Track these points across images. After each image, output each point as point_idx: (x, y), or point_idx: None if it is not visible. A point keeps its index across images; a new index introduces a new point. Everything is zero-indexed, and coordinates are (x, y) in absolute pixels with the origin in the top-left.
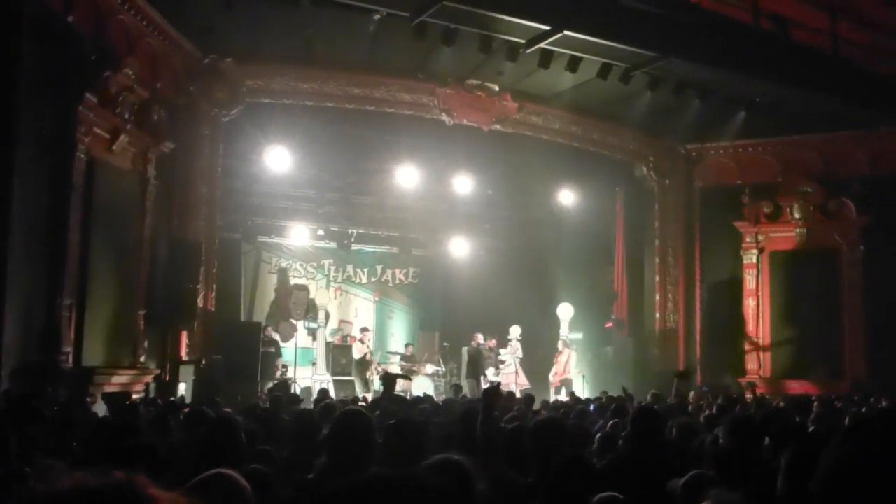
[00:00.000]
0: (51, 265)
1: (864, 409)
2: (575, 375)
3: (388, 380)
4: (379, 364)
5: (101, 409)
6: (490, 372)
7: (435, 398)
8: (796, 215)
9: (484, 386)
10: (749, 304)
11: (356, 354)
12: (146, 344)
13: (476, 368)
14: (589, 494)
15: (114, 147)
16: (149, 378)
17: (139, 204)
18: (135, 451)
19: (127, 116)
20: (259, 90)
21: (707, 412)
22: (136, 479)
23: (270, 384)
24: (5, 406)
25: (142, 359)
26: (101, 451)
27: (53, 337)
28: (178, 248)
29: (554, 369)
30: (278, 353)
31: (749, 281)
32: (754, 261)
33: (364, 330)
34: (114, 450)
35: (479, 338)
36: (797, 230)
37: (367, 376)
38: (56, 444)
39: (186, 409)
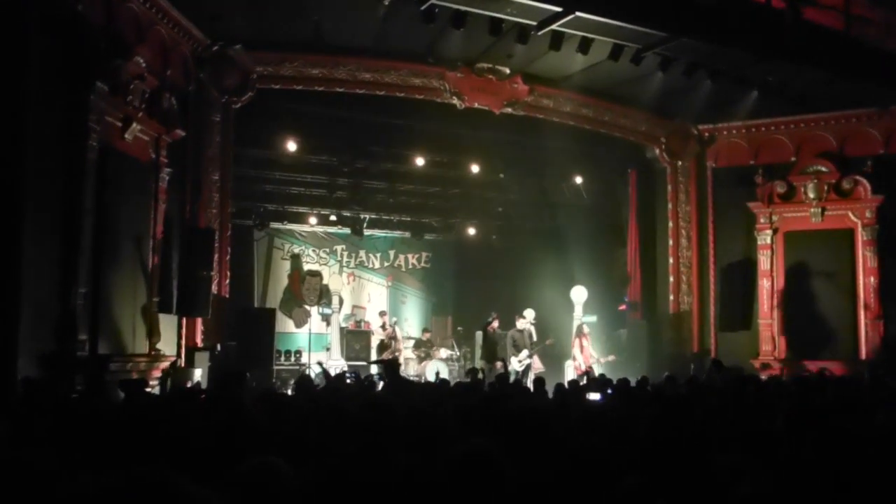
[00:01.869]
0: (65, 254)
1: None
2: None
3: (390, 367)
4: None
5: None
6: (524, 354)
7: (450, 382)
8: (810, 195)
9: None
10: (763, 284)
11: (376, 339)
12: (161, 331)
13: (492, 351)
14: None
15: (126, 135)
16: (164, 365)
17: (152, 192)
18: (158, 442)
19: (138, 105)
20: (269, 77)
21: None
22: (169, 476)
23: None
24: (26, 393)
25: (157, 346)
26: (123, 442)
27: (69, 325)
28: (192, 235)
29: (574, 353)
30: None
31: (763, 262)
32: (768, 241)
33: (382, 314)
34: (137, 440)
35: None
36: (811, 210)
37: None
38: (75, 432)
39: (203, 396)
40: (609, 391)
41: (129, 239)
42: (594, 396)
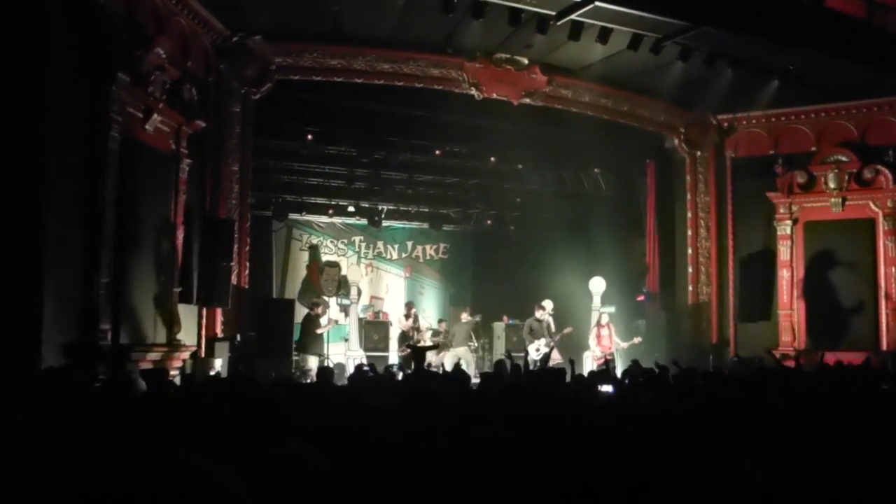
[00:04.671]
0: (87, 244)
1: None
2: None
3: (418, 353)
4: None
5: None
6: (542, 342)
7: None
8: (831, 185)
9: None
10: (783, 275)
11: (396, 330)
12: (181, 321)
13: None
14: None
15: (146, 126)
16: (185, 355)
17: (173, 182)
18: (184, 429)
19: (159, 95)
20: (288, 67)
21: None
22: (181, 452)
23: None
24: (47, 382)
25: (178, 336)
26: (150, 430)
27: (92, 315)
28: (212, 226)
29: (593, 343)
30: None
31: (783, 252)
32: (788, 232)
33: (409, 305)
34: (163, 428)
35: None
36: (832, 200)
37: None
38: (100, 420)
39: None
40: (626, 382)
41: (150, 229)
42: (606, 388)
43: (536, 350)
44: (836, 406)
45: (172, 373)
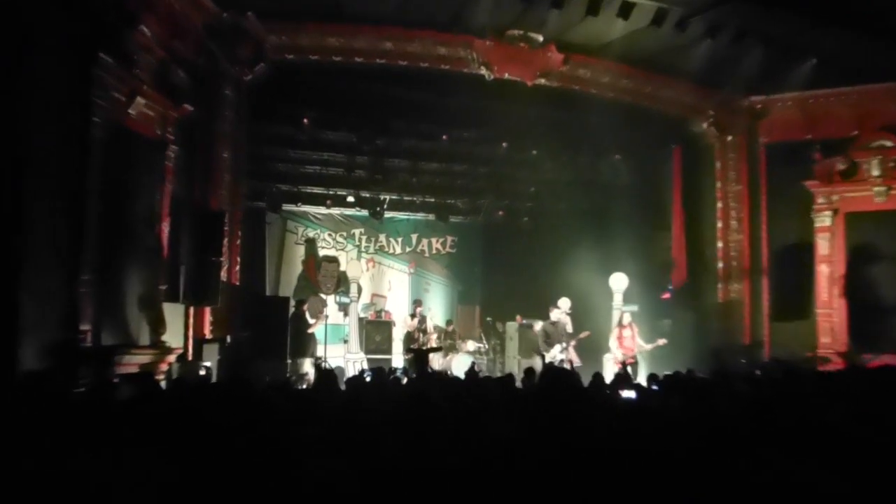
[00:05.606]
0: (69, 238)
1: None
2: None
3: (419, 356)
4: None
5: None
6: (556, 349)
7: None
8: (874, 172)
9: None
10: (822, 270)
11: (400, 330)
12: (168, 321)
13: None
14: None
15: (130, 110)
16: (171, 358)
17: (159, 171)
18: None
19: (144, 78)
20: (283, 47)
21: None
22: None
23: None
24: (26, 387)
25: (163, 337)
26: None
27: (73, 314)
28: (200, 218)
29: (614, 345)
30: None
31: (822, 245)
32: (827, 223)
33: (417, 303)
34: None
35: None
36: (875, 189)
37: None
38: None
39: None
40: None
41: (135, 222)
42: (628, 394)
43: (552, 359)
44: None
45: (158, 377)
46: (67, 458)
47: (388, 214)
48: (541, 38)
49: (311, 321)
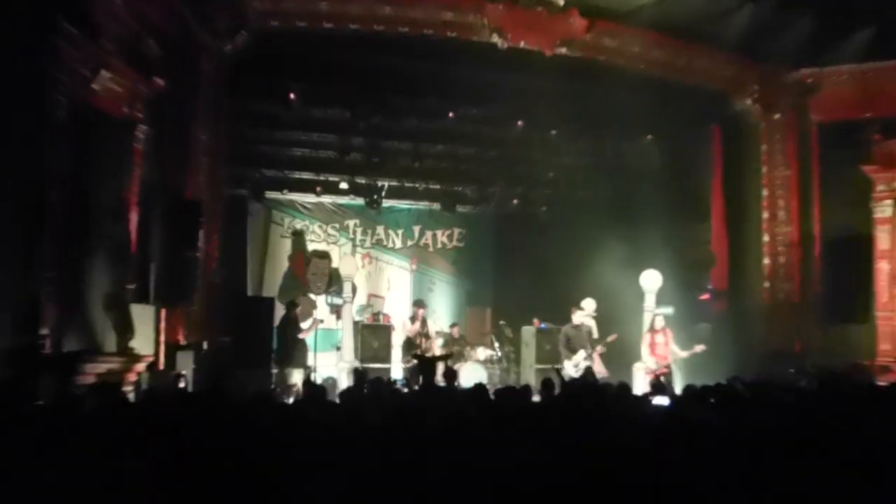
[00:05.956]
0: (25, 231)
1: None
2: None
3: (426, 364)
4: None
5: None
6: (580, 356)
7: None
8: None
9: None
10: (882, 268)
11: (401, 335)
12: (136, 325)
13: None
14: None
15: (94, 85)
16: (140, 366)
17: (126, 155)
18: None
19: (111, 49)
20: (268, 13)
21: None
22: None
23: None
24: None
25: (131, 343)
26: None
27: (31, 317)
28: (174, 207)
29: (645, 352)
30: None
31: (881, 239)
32: (888, 214)
33: (418, 304)
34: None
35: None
36: None
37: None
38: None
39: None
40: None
41: (100, 213)
42: (660, 401)
43: (575, 366)
44: None
45: (126, 388)
46: (24, 476)
47: (386, 203)
48: (562, 2)
49: (304, 326)
